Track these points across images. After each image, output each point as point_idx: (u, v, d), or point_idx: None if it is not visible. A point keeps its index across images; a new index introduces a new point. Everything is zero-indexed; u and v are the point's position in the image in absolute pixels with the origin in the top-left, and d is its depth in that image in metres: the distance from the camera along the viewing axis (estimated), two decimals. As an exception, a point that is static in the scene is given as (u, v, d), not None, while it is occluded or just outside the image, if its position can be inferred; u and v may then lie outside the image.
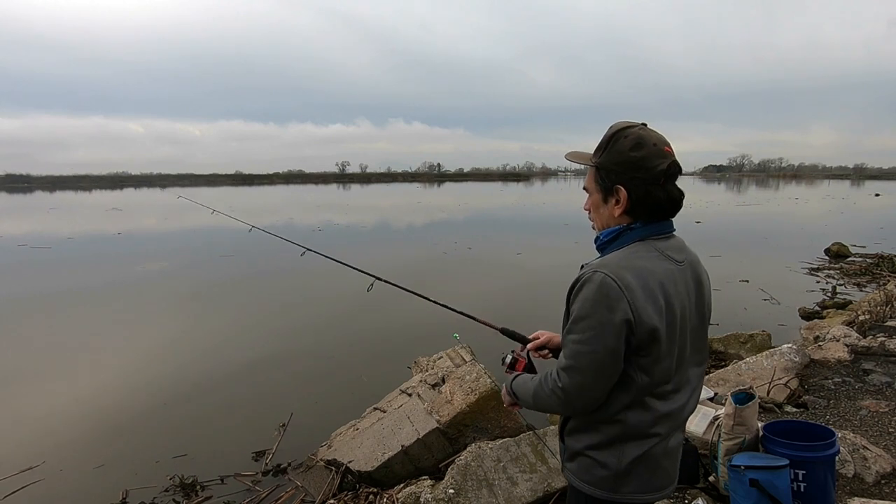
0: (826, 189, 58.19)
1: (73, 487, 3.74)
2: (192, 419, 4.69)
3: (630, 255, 1.24)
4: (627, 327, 1.18)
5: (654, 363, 1.23)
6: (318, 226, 19.06)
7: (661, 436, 1.29)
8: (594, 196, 1.34)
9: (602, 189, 1.31)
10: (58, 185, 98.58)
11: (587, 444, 1.31)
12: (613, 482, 1.29)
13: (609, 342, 1.18)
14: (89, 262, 13.09)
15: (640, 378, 1.23)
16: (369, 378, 5.35)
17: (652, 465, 1.29)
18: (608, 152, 1.27)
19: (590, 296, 1.19)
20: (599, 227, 1.36)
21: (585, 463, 1.32)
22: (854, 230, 17.09)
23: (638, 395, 1.25)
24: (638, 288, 1.18)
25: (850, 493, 2.67)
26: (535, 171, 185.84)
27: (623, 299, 1.16)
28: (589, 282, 1.21)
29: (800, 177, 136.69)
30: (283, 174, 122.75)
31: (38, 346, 6.73)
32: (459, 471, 2.87)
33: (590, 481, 1.31)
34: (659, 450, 1.30)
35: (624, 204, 1.26)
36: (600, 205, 1.33)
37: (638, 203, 1.25)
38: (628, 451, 1.27)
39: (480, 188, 66.00)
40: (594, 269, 1.22)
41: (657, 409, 1.26)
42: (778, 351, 4.34)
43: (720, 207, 29.18)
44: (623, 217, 1.29)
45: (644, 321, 1.18)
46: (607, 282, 1.18)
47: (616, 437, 1.27)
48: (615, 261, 1.23)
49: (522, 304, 8.34)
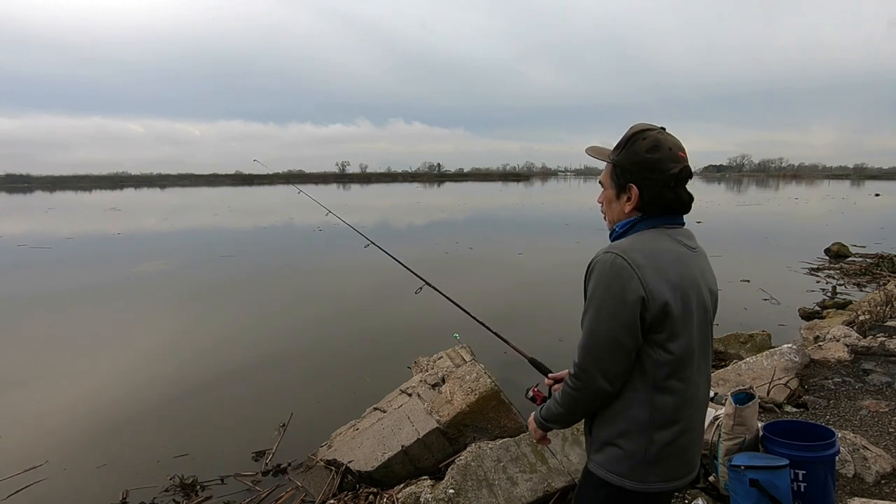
0: (826, 189, 58.22)
1: (75, 487, 3.75)
2: (192, 419, 4.69)
3: (641, 238, 1.31)
4: (641, 304, 1.22)
5: (670, 339, 1.26)
6: (319, 226, 19.06)
7: (687, 422, 1.31)
8: (608, 191, 1.41)
9: (616, 185, 1.37)
10: (58, 185, 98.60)
11: (616, 431, 1.32)
12: (642, 471, 1.30)
13: (622, 317, 1.22)
14: (89, 262, 13.08)
15: (660, 355, 1.26)
16: (371, 378, 5.36)
17: (678, 453, 1.32)
18: (626, 151, 1.33)
19: (602, 275, 1.25)
20: (611, 221, 1.42)
21: (614, 453, 1.32)
22: (854, 230, 17.09)
23: (661, 374, 1.27)
24: (648, 266, 1.23)
25: (851, 493, 2.67)
26: (535, 171, 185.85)
27: (634, 277, 1.22)
28: (600, 262, 1.27)
29: (800, 177, 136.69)
30: (283, 174, 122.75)
31: (39, 345, 6.73)
32: (459, 471, 2.87)
33: (619, 472, 1.31)
34: (685, 438, 1.32)
35: (635, 202, 1.33)
36: (613, 200, 1.39)
37: (648, 202, 1.32)
38: (657, 437, 1.28)
39: (480, 188, 65.99)
40: (605, 250, 1.28)
41: (682, 394, 1.29)
42: (778, 351, 4.34)
43: (720, 207, 29.18)
44: (633, 213, 1.35)
45: (656, 297, 1.22)
46: (618, 261, 1.23)
47: (645, 423, 1.28)
48: (626, 243, 1.29)
49: (526, 303, 8.36)
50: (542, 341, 6.14)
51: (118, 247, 15.72)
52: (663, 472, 1.31)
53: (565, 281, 8.96)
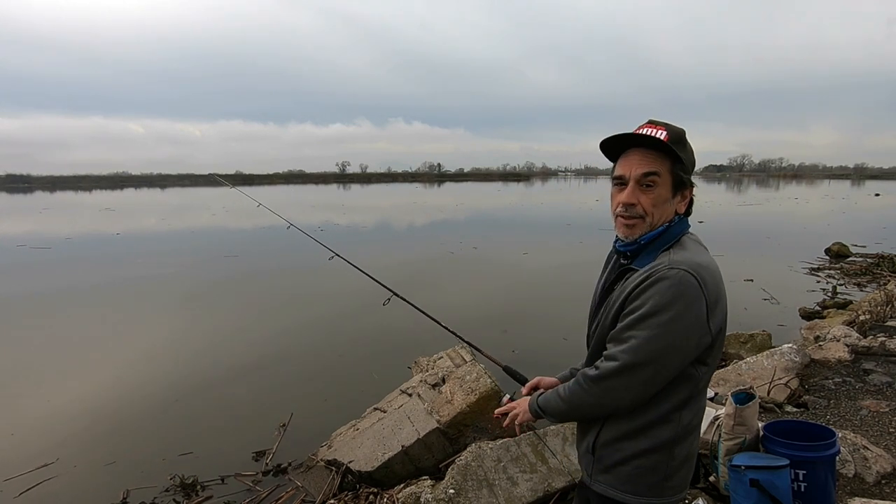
0: (826, 189, 58.18)
1: (83, 485, 3.76)
2: (192, 419, 4.69)
3: (697, 251, 1.21)
4: (701, 329, 1.14)
5: (713, 357, 1.22)
6: (319, 226, 19.06)
7: (698, 431, 1.29)
8: (662, 189, 1.21)
9: (677, 183, 1.23)
10: (58, 185, 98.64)
11: (633, 451, 1.24)
12: (660, 487, 1.24)
13: (679, 342, 1.13)
14: (90, 262, 13.08)
15: (700, 371, 1.21)
16: (376, 376, 5.35)
17: (690, 462, 1.28)
18: (686, 149, 1.23)
19: (667, 292, 1.12)
20: (652, 223, 1.23)
21: (631, 472, 1.24)
22: (854, 230, 17.07)
23: (695, 391, 1.22)
24: (713, 287, 1.15)
25: (851, 493, 2.67)
26: (536, 171, 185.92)
27: (702, 298, 1.13)
28: (666, 278, 1.13)
29: (800, 177, 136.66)
30: (283, 174, 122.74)
31: (46, 344, 6.73)
32: (460, 471, 2.86)
33: (637, 491, 1.24)
34: (697, 445, 1.30)
35: (687, 203, 1.28)
36: (668, 199, 1.23)
37: (690, 202, 1.29)
38: (678, 452, 1.23)
39: (481, 188, 65.98)
40: (669, 265, 1.14)
41: (700, 404, 1.25)
42: (778, 351, 4.33)
43: (721, 207, 29.17)
44: (673, 216, 1.26)
45: (716, 323, 1.16)
46: (688, 279, 1.12)
47: (668, 440, 1.22)
48: (688, 257, 1.17)
49: (532, 302, 8.35)
50: (548, 339, 6.17)
51: (118, 247, 15.71)
52: (678, 484, 1.26)
53: (571, 280, 8.98)
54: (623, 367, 1.16)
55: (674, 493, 1.26)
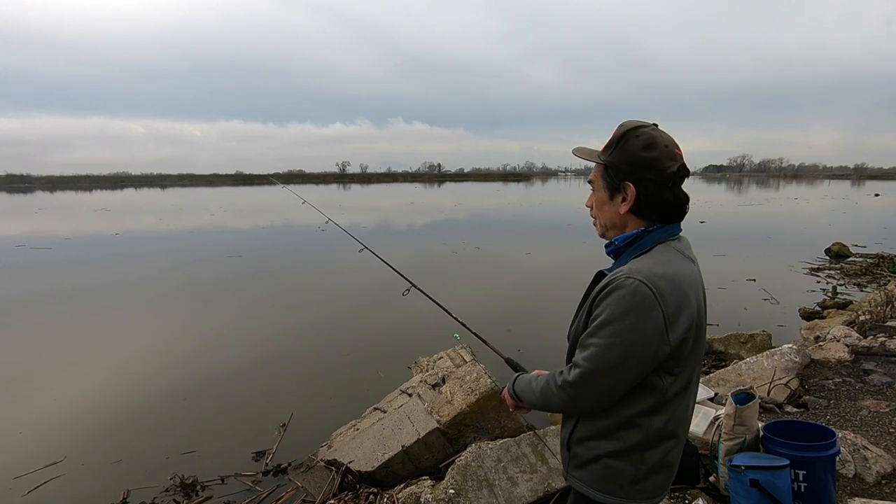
0: (826, 189, 58.16)
1: (89, 483, 3.77)
2: (192, 419, 4.69)
3: (660, 260, 1.19)
4: (659, 340, 1.14)
5: (680, 366, 1.21)
6: (319, 226, 19.05)
7: (678, 438, 1.28)
8: (599, 193, 1.31)
9: (609, 186, 1.28)
10: (58, 185, 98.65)
11: (603, 451, 1.26)
12: (630, 488, 1.25)
13: (636, 352, 1.14)
14: (90, 262, 13.09)
15: (665, 381, 1.20)
16: (382, 374, 5.36)
17: (667, 469, 1.28)
18: (618, 150, 1.24)
19: (622, 302, 1.13)
20: (602, 226, 1.34)
21: (600, 472, 1.27)
22: (854, 230, 17.07)
23: (662, 399, 1.21)
24: (671, 296, 1.14)
25: (851, 494, 2.67)
26: (536, 171, 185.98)
27: (657, 309, 1.12)
28: (620, 287, 1.14)
29: (800, 177, 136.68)
30: (283, 174, 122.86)
31: (50, 343, 6.75)
32: (460, 471, 2.86)
33: (605, 490, 1.27)
34: (674, 454, 1.29)
35: (631, 201, 1.23)
36: (605, 202, 1.29)
37: (645, 203, 1.23)
38: (648, 457, 1.24)
39: (481, 188, 65.98)
40: (626, 274, 1.16)
41: (676, 413, 1.24)
42: (778, 351, 4.33)
43: (722, 207, 29.17)
44: (628, 216, 1.26)
45: (676, 332, 1.15)
46: (642, 289, 1.12)
47: (636, 444, 1.23)
48: (647, 266, 1.17)
49: (535, 301, 8.38)
50: (553, 339, 6.16)
51: (118, 247, 15.71)
52: (650, 488, 1.27)
53: (574, 279, 8.74)
54: (585, 373, 1.20)
55: (646, 497, 1.27)
